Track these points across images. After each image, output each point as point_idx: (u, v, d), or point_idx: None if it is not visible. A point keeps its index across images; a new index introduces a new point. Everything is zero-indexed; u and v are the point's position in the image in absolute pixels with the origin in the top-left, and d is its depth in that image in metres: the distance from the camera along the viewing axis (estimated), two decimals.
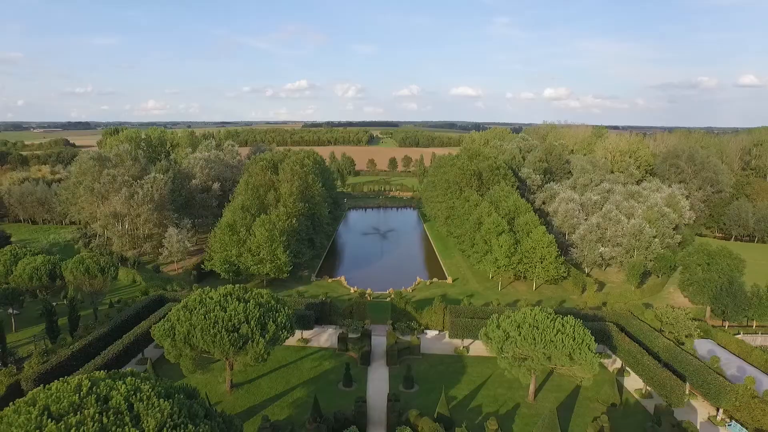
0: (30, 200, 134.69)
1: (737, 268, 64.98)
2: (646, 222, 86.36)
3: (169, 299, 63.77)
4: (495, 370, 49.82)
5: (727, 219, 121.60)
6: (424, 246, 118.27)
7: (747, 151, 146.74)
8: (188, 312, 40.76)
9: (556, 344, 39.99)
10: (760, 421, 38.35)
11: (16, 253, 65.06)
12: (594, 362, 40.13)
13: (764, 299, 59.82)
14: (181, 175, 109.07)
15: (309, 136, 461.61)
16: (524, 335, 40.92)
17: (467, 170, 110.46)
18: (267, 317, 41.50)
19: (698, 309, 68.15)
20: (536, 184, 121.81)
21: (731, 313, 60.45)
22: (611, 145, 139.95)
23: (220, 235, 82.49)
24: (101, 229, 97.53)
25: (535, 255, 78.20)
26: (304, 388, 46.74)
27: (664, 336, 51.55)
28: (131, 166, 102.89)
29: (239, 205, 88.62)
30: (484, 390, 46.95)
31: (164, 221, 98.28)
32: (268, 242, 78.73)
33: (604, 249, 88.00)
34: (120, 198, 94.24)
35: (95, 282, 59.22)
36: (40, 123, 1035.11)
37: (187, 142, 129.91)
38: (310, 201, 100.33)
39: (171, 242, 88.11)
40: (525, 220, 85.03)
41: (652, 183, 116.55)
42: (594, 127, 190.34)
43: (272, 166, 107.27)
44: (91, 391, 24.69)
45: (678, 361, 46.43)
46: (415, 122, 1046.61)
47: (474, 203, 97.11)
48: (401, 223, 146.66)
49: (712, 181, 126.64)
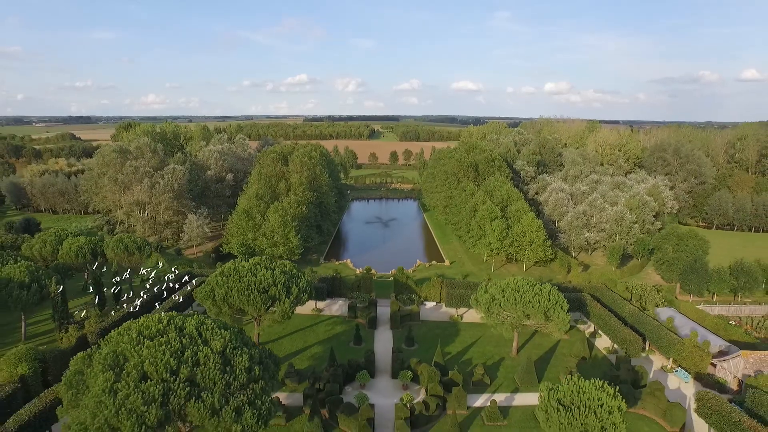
0: (51, 191, 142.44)
1: (702, 248, 72.72)
2: (628, 209, 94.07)
3: (196, 275, 71.87)
4: (485, 333, 57.87)
5: (709, 209, 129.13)
6: (423, 233, 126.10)
7: (732, 145, 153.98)
8: (225, 277, 48.65)
9: (533, 304, 47.86)
10: (699, 365, 46.28)
11: (59, 235, 72.88)
12: (565, 320, 48.04)
13: (723, 276, 67.71)
14: (197, 167, 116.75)
15: (311, 131, 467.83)
16: (507, 297, 48.81)
17: (464, 162, 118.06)
18: (290, 282, 49.41)
19: (670, 286, 75.98)
20: (529, 176, 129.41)
21: (695, 287, 68.33)
22: (602, 139, 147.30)
23: (237, 220, 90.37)
24: (125, 216, 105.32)
25: (525, 238, 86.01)
26: (320, 345, 54.71)
27: (631, 304, 59.44)
28: (151, 158, 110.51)
29: (254, 193, 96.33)
30: (474, 348, 54.93)
31: (183, 209, 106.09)
32: (281, 227, 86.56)
33: (590, 234, 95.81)
34: (143, 187, 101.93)
35: (133, 258, 67.14)
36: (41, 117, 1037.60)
37: (201, 135, 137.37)
38: (318, 190, 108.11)
39: (191, 227, 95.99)
40: (516, 207, 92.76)
41: (638, 174, 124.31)
42: (588, 121, 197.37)
43: (282, 158, 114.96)
44: (170, 322, 32.61)
45: (640, 323, 54.40)
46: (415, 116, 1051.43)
47: (470, 193, 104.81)
48: (402, 213, 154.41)
49: (696, 173, 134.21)
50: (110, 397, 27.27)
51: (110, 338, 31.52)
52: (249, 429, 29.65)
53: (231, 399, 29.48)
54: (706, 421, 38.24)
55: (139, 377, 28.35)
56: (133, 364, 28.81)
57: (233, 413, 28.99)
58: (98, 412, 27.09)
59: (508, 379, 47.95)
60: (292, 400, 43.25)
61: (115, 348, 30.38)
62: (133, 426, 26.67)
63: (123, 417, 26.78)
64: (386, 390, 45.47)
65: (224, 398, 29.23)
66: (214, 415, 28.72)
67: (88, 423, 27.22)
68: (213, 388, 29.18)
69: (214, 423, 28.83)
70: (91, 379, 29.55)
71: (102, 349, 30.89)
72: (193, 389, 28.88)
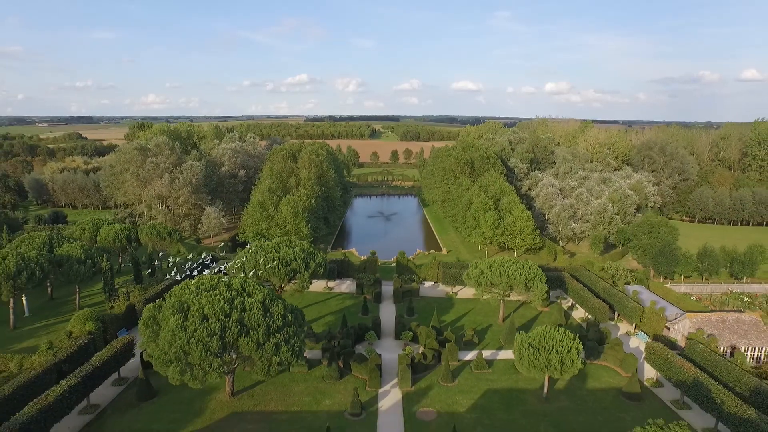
0: (72, 187, 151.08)
1: (672, 236, 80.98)
2: (610, 202, 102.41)
3: (218, 258, 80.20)
4: (476, 306, 66.27)
5: (691, 204, 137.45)
6: (423, 226, 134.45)
7: (715, 143, 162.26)
8: (253, 254, 57.06)
9: (515, 276, 56.26)
10: (655, 328, 54.58)
11: (96, 223, 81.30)
12: (542, 290, 56.46)
13: (689, 259, 76.10)
14: (212, 164, 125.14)
15: (313, 130, 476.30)
16: (494, 271, 57.20)
17: (461, 160, 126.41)
18: (308, 258, 57.82)
19: (645, 270, 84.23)
20: (523, 173, 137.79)
21: (664, 269, 76.70)
22: (592, 138, 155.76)
23: (252, 211, 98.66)
24: (147, 209, 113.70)
25: (516, 228, 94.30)
26: (332, 315, 63.01)
27: (604, 281, 67.76)
28: (169, 155, 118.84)
29: (267, 187, 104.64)
30: (466, 317, 63.28)
31: (199, 202, 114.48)
32: (293, 217, 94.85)
33: (576, 225, 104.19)
34: (163, 182, 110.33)
35: (164, 243, 75.52)
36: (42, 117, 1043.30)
37: (213, 134, 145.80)
38: (325, 185, 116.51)
39: (209, 218, 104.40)
40: (508, 200, 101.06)
41: (624, 171, 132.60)
42: (582, 121, 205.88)
43: (291, 156, 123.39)
44: (219, 281, 40.98)
45: (610, 296, 62.76)
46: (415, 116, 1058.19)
47: (466, 187, 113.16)
48: (403, 208, 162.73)
49: (680, 170, 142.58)
50: (182, 331, 35.69)
51: (173, 292, 39.91)
52: (285, 360, 38.17)
53: (271, 337, 37.91)
54: (652, 365, 46.52)
55: (201, 318, 36.75)
56: (196, 308, 37.21)
57: (273, 347, 37.46)
58: (173, 342, 35.52)
59: (494, 340, 56.28)
60: (312, 355, 51.47)
61: (179, 298, 38.80)
62: (201, 352, 35.11)
63: (192, 345, 35.21)
64: (390, 347, 53.83)
65: (266, 336, 37.65)
66: (258, 348, 37.17)
67: (166, 350, 35.64)
68: (257, 328, 37.56)
69: (259, 354, 37.28)
70: (163, 321, 37.96)
71: (168, 300, 39.29)
72: (242, 328, 37.27)
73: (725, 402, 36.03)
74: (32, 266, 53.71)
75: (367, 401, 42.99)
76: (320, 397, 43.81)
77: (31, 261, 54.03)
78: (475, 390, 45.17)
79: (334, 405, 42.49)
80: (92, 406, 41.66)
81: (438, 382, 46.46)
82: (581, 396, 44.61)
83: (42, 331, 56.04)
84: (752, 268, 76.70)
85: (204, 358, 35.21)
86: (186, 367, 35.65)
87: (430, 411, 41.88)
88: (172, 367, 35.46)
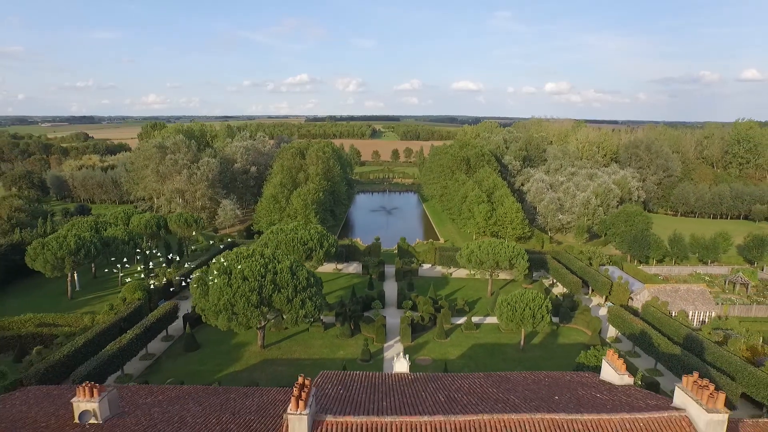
0: (91, 183, 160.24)
1: (645, 223, 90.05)
2: (594, 195, 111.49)
3: (237, 244, 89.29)
4: (468, 284, 75.32)
5: (674, 198, 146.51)
6: (422, 219, 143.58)
7: (699, 142, 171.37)
8: (274, 235, 66.15)
9: (501, 254, 65.34)
10: (621, 299, 63.69)
11: (127, 213, 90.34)
12: (524, 266, 65.59)
13: (660, 245, 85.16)
14: (225, 160, 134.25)
15: (315, 130, 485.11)
16: (482, 249, 66.32)
17: (458, 157, 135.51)
18: (322, 239, 66.93)
19: (623, 255, 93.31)
20: (516, 169, 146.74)
21: (638, 253, 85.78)
22: (582, 137, 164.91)
23: (265, 204, 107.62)
24: (166, 202, 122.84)
25: (507, 219, 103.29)
26: (342, 290, 71.97)
27: (581, 261, 76.83)
28: (186, 153, 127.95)
29: (278, 182, 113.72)
30: (459, 292, 72.29)
31: (215, 196, 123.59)
32: (303, 209, 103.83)
33: (563, 217, 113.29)
34: (182, 177, 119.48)
35: (190, 230, 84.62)
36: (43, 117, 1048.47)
37: (225, 134, 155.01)
38: (332, 180, 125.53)
39: (225, 210, 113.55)
40: (500, 193, 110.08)
41: (610, 168, 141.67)
42: (575, 121, 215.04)
43: (300, 153, 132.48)
44: (254, 251, 50.04)
45: (584, 273, 71.86)
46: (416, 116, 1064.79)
47: (462, 182, 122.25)
48: (404, 203, 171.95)
49: (664, 167, 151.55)
50: (228, 288, 44.80)
51: (217, 259, 49.02)
52: (309, 313, 47.30)
53: (298, 294, 47.01)
54: (611, 324, 55.67)
55: (242, 278, 45.81)
56: (237, 271, 46.30)
57: (300, 302, 46.58)
58: (221, 297, 44.62)
59: (482, 309, 65.36)
60: (327, 320, 60.47)
61: (222, 263, 47.90)
62: (244, 304, 44.21)
63: (237, 299, 44.31)
64: (393, 314, 62.86)
65: (294, 293, 46.74)
66: (288, 303, 46.28)
67: (216, 302, 44.74)
68: (287, 287, 46.63)
69: (289, 308, 46.40)
70: (210, 282, 47.05)
71: (214, 265, 48.39)
72: (275, 287, 46.35)
73: (661, 345, 45.15)
74: (88, 245, 62.81)
75: (374, 352, 52.08)
76: (336, 349, 52.94)
77: (87, 240, 63.12)
78: (464, 344, 54.29)
79: (348, 354, 51.59)
80: (149, 354, 50.79)
81: (433, 338, 55.57)
82: (552, 348, 53.73)
83: (92, 302, 65.01)
84: (715, 252, 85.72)
85: (246, 309, 44.26)
86: (232, 316, 44.73)
87: (426, 359, 51.00)
88: (221, 316, 44.56)
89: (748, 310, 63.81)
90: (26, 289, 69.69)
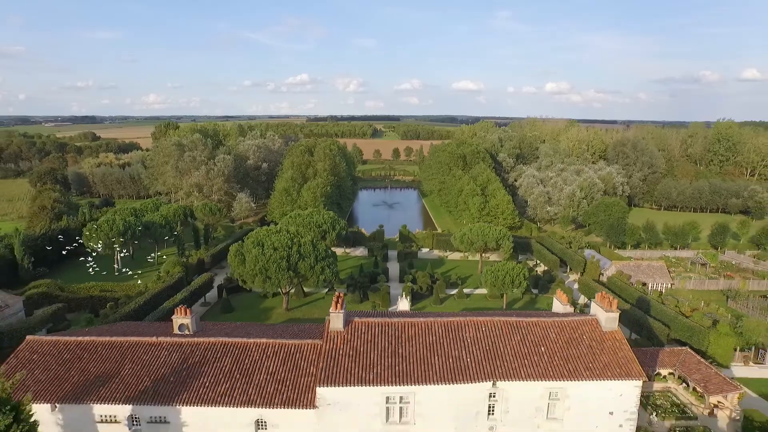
0: (110, 179, 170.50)
1: (622, 213, 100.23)
2: (579, 189, 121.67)
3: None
4: (461, 264, 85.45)
5: (658, 193, 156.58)
6: (422, 212, 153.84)
7: (684, 141, 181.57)
8: (293, 219, 76.36)
9: (489, 236, 75.53)
10: (592, 274, 73.76)
11: (156, 203, 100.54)
12: (509, 246, 75.78)
13: (635, 231, 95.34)
14: (239, 157, 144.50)
15: (317, 129, 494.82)
16: (473, 232, 76.53)
17: (455, 154, 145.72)
18: (335, 222, 77.16)
19: (603, 242, 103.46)
20: (510, 166, 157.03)
21: (615, 239, 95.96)
22: (573, 136, 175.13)
23: (278, 196, 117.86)
24: (185, 196, 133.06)
25: (498, 210, 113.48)
26: (351, 269, 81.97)
27: (561, 245, 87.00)
28: (203, 150, 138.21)
29: (289, 176, 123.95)
30: (453, 270, 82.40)
31: (230, 190, 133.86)
32: (313, 201, 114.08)
33: (551, 209, 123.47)
34: (200, 173, 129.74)
35: (214, 218, 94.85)
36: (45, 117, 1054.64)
37: (237, 133, 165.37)
38: (338, 175, 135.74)
39: (241, 203, 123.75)
40: (493, 187, 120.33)
41: (598, 165, 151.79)
42: (569, 121, 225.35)
43: (308, 150, 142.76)
44: (281, 228, 60.25)
45: (563, 254, 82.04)
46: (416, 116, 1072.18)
47: (458, 178, 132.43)
48: (404, 199, 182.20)
49: (649, 164, 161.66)
50: (262, 256, 55.00)
51: (251, 235, 59.23)
52: (328, 278, 57.55)
53: (319, 262, 57.20)
54: (580, 291, 65.94)
55: (272, 249, 55.98)
56: (269, 243, 56.51)
57: (320, 269, 56.79)
58: (257, 263, 54.80)
59: (473, 283, 75.53)
60: (339, 291, 70.62)
61: (255, 237, 58.10)
62: (276, 268, 54.40)
63: (270, 265, 54.51)
64: (396, 287, 72.94)
65: (315, 261, 56.93)
66: (310, 269, 56.49)
67: (252, 268, 54.94)
68: (309, 256, 56.79)
69: (311, 273, 56.63)
70: (246, 252, 57.25)
71: (248, 240, 58.59)
72: (300, 256, 56.53)
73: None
74: (133, 227, 73.03)
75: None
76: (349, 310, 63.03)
77: (132, 223, 73.34)
78: (456, 309, 64.28)
79: None
80: None
81: (430, 304, 65.76)
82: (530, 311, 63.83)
83: (133, 278, 75.18)
84: (684, 238, 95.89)
85: (278, 273, 54.44)
86: (266, 278, 54.91)
87: None
88: (257, 278, 54.76)
89: (702, 283, 73.96)
90: (76, 266, 79.87)
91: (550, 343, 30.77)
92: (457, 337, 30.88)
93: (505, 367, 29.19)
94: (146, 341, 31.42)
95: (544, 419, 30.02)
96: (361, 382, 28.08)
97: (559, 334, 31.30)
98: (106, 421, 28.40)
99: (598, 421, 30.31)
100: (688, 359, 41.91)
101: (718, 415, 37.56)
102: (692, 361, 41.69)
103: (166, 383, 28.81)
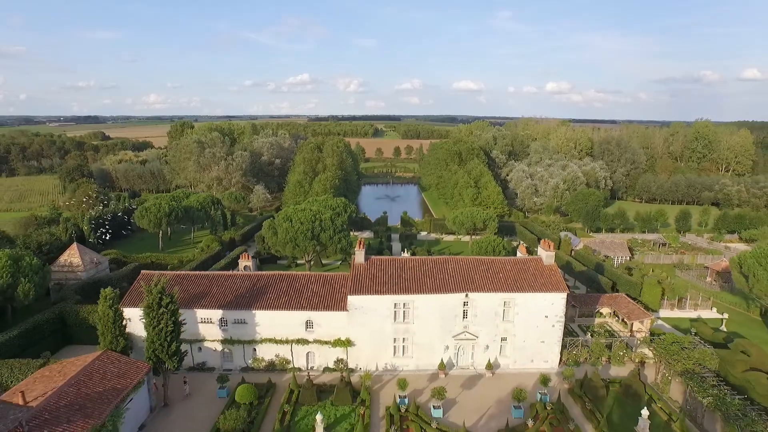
0: (131, 175, 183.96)
1: (597, 201, 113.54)
2: (562, 181, 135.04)
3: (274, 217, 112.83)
4: (454, 244, 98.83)
5: (639, 187, 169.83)
6: (421, 205, 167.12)
7: (666, 139, 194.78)
8: (309, 204, 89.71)
9: (477, 218, 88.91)
10: (566, 250, 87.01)
11: (186, 193, 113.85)
12: (494, 227, 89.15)
13: (608, 218, 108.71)
14: (254, 154, 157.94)
15: (320, 129, 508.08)
16: (464, 214, 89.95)
17: (452, 151, 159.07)
18: (346, 206, 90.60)
19: (582, 227, 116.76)
20: (502, 162, 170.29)
21: (590, 224, 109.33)
22: (561, 134, 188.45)
23: (291, 188, 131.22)
24: (206, 188, 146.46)
25: (489, 199, 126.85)
26: None
27: (541, 227, 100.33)
28: (221, 147, 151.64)
29: (301, 171, 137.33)
30: (447, 248, 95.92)
31: (247, 183, 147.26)
32: (323, 192, 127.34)
33: (537, 199, 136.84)
34: (220, 168, 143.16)
35: (239, 205, 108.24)
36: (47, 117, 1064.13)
37: (250, 131, 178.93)
38: (345, 170, 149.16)
39: (257, 195, 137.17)
40: (485, 180, 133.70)
41: (583, 161, 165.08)
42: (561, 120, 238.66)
43: (317, 148, 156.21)
44: (305, 206, 73.65)
45: (543, 234, 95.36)
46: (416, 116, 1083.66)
47: (454, 172, 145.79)
48: (405, 193, 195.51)
49: (631, 160, 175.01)
50: (291, 228, 68.41)
51: (280, 214, 72.66)
52: (345, 247, 70.94)
53: (337, 234, 70.61)
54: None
55: (299, 222, 69.35)
56: (296, 218, 69.89)
57: (338, 239, 70.21)
58: (287, 234, 68.18)
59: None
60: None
61: (285, 213, 71.52)
62: (303, 238, 67.78)
63: (298, 235, 67.91)
64: None
65: (334, 233, 70.29)
66: (330, 239, 69.90)
67: (283, 237, 68.35)
68: (329, 229, 70.12)
69: (331, 242, 70.00)
70: (278, 225, 70.66)
71: (279, 216, 71.97)
72: (321, 228, 69.89)
73: (576, 268, 68.65)
74: (176, 209, 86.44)
75: None
76: None
77: (174, 207, 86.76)
78: None
79: None
80: None
81: None
82: None
83: (176, 254, 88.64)
84: (651, 224, 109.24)
85: (304, 241, 67.78)
86: (295, 246, 68.28)
87: None
88: (288, 246, 68.12)
89: (657, 258, 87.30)
90: (127, 242, 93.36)
91: (506, 272, 44.38)
92: (442, 268, 44.40)
93: (475, 284, 42.75)
94: (225, 274, 44.84)
95: (501, 320, 43.58)
96: (378, 292, 41.58)
97: (512, 267, 45.00)
98: (205, 321, 41.71)
99: (537, 322, 43.90)
100: (621, 300, 55.34)
101: (636, 336, 50.92)
102: (623, 301, 55.10)
103: (243, 297, 42.17)
